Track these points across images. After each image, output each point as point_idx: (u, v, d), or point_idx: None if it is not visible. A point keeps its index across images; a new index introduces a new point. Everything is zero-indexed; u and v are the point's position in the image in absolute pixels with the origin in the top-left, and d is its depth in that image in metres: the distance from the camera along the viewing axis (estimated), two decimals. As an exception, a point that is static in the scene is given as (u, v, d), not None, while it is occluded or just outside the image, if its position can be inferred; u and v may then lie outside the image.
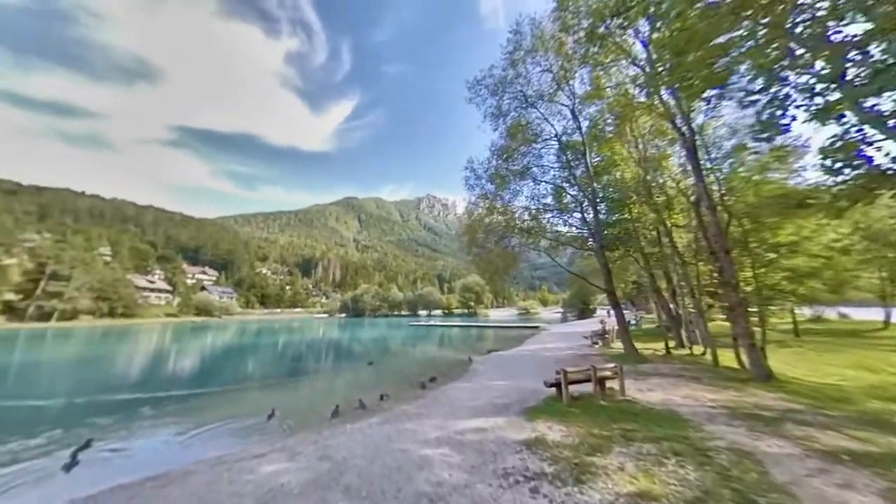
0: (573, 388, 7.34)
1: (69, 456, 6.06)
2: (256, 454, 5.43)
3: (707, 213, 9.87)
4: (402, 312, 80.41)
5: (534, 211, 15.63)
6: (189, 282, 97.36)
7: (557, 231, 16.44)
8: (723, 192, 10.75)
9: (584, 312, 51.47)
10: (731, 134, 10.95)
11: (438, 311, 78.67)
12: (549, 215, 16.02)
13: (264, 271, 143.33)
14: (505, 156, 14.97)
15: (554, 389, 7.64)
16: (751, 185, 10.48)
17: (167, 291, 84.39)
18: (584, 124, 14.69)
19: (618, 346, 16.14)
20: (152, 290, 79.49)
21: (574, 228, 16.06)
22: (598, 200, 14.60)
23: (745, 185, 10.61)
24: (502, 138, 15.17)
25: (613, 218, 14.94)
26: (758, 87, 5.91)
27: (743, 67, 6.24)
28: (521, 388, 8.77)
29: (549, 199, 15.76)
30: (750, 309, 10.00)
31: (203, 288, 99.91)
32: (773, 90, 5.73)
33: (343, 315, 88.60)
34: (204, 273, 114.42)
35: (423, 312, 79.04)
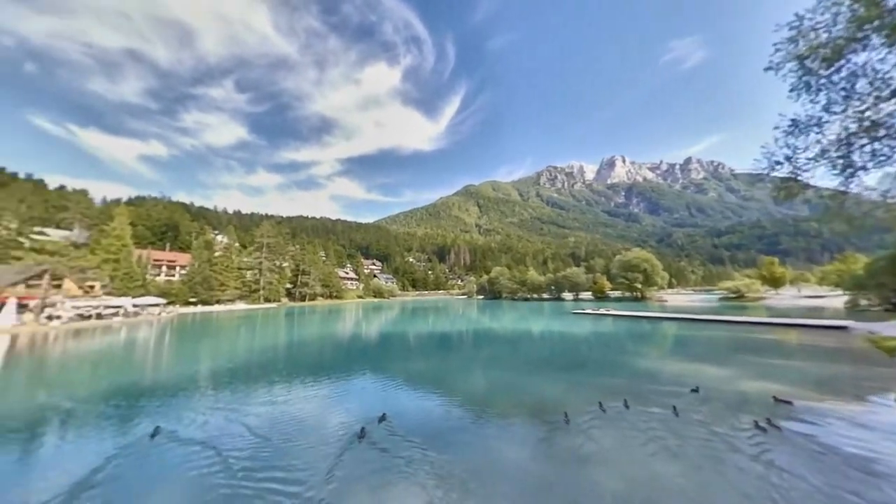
0: None
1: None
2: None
3: None
4: (544, 296, 75.52)
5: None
6: (366, 271, 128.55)
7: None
8: None
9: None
10: None
11: (587, 295, 68.96)
12: None
13: (411, 260, 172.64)
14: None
15: None
16: None
17: (355, 279, 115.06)
18: None
19: None
20: (348, 279, 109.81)
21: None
22: None
23: None
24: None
25: None
26: None
27: None
28: None
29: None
30: None
31: (375, 276, 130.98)
32: None
33: (480, 297, 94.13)
34: (374, 264, 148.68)
35: (567, 296, 71.24)
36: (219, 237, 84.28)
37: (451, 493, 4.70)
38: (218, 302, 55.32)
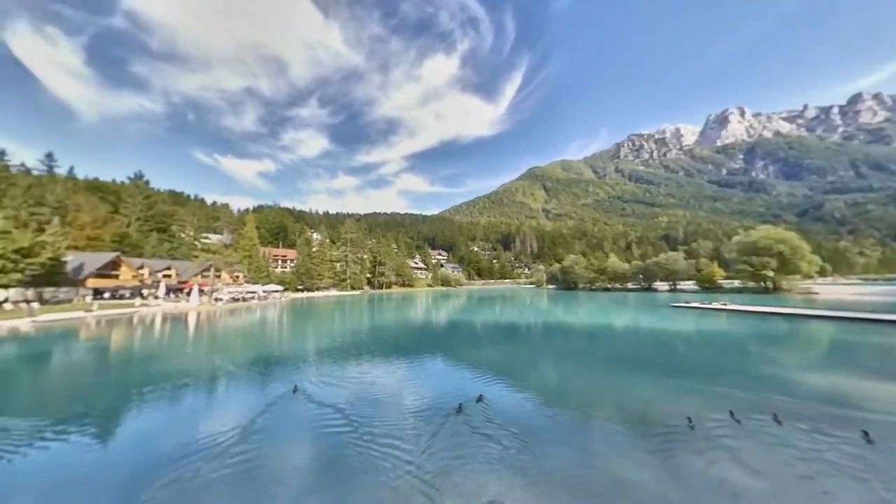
0: None
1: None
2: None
3: None
4: (628, 286, 66.35)
5: None
6: (433, 261, 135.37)
7: None
8: None
9: None
10: None
11: (688, 284, 57.62)
12: None
13: (475, 249, 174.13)
14: None
15: None
16: None
17: (424, 269, 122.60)
18: None
19: None
20: (417, 268, 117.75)
21: None
22: None
23: None
24: None
25: None
26: None
27: None
28: None
29: None
30: None
31: (441, 265, 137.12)
32: None
33: (552, 286, 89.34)
34: (440, 254, 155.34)
35: (661, 286, 60.85)
36: (314, 235, 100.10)
37: (551, 491, 4.28)
38: (317, 289, 66.60)
